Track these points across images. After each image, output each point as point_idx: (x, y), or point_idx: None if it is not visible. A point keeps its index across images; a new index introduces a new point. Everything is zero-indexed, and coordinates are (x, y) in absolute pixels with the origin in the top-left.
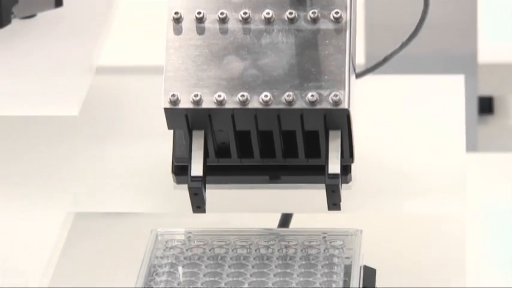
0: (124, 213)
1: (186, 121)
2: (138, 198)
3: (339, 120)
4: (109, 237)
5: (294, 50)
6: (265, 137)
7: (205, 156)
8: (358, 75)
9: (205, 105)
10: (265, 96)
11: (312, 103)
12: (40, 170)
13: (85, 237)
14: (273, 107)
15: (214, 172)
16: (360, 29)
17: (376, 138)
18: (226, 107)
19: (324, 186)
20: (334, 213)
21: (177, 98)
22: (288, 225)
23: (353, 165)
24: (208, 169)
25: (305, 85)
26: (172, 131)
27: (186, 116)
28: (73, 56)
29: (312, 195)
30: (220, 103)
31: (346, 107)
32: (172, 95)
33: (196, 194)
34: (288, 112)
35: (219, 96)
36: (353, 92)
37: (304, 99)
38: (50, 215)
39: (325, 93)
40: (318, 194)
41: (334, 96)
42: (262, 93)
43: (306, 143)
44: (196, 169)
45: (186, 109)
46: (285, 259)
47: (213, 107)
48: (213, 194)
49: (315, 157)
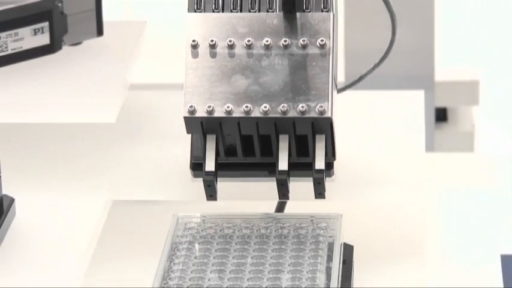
0: (151, 201)
1: (201, 127)
2: (163, 188)
3: (324, 126)
4: (139, 220)
5: (287, 70)
6: (265, 139)
7: (216, 155)
8: (339, 91)
9: (216, 115)
10: (265, 107)
11: (302, 113)
12: (84, 165)
13: (120, 219)
14: (271, 115)
15: (224, 168)
16: (340, 53)
17: (353, 141)
18: (234, 116)
19: (312, 179)
20: (320, 201)
21: (194, 109)
22: (283, 210)
23: (335, 163)
24: (219, 166)
25: (296, 98)
26: (190, 135)
27: (201, 123)
28: (111, 76)
29: (302, 186)
30: (228, 113)
31: (329, 116)
32: (190, 106)
33: (209, 185)
34: (283, 120)
35: (228, 107)
36: (335, 104)
37: (295, 110)
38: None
39: (312, 104)
40: (306, 185)
41: (319, 107)
42: (262, 104)
43: (297, 145)
44: (210, 165)
45: (201, 117)
46: (280, 238)
47: (223, 115)
48: (223, 185)
49: (304, 156)
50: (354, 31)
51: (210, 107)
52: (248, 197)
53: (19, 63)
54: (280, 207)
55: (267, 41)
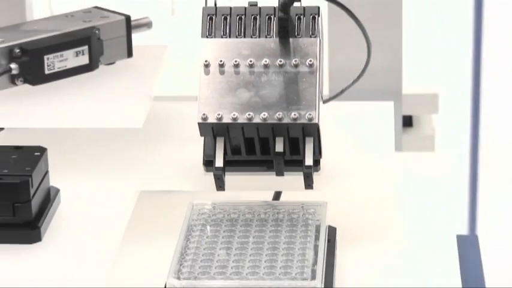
0: (172, 191)
1: (212, 131)
2: (181, 181)
3: (312, 130)
4: (162, 207)
5: (282, 85)
6: (264, 141)
7: (224, 154)
8: (324, 102)
9: (224, 121)
10: (264, 115)
11: (294, 119)
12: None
13: (146, 206)
14: (269, 122)
15: (230, 164)
16: (325, 71)
17: (336, 142)
18: (238, 122)
19: (302, 173)
20: (309, 191)
21: (206, 116)
22: (279, 198)
23: (321, 160)
24: (226, 162)
25: (289, 107)
26: (203, 138)
27: (212, 128)
28: (138, 89)
29: (294, 179)
30: (234, 119)
31: (316, 122)
32: (203, 114)
33: (218, 178)
34: (279, 125)
35: (234, 115)
36: (321, 112)
37: (289, 117)
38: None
39: (302, 113)
40: (298, 178)
41: (308, 115)
42: (261, 113)
43: (290, 145)
44: (219, 162)
45: (212, 123)
46: (276, 221)
47: (230, 122)
48: (230, 178)
49: (296, 154)
50: (337, 53)
51: (219, 114)
52: (250, 188)
53: (64, 79)
54: (276, 196)
55: (266, 61)
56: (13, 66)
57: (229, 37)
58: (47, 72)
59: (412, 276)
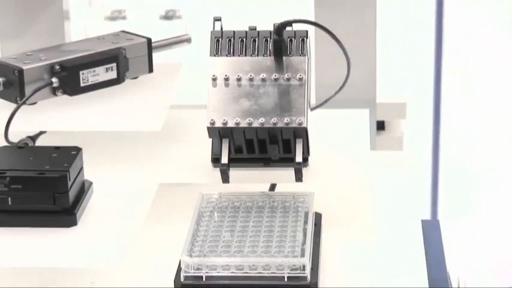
0: (185, 183)
1: (218, 134)
2: (192, 175)
3: (301, 133)
4: (177, 196)
5: (276, 95)
6: (262, 142)
7: (229, 152)
8: (312, 109)
9: (229, 125)
10: (261, 120)
11: (287, 124)
12: (139, 159)
13: (164, 196)
14: (265, 126)
15: (234, 161)
16: (313, 83)
17: (322, 143)
18: (240, 126)
19: (293, 169)
20: (299, 183)
21: (214, 121)
22: (274, 189)
23: (309, 158)
24: (230, 160)
25: (283, 114)
26: (211, 139)
27: (219, 131)
28: (157, 99)
29: (287, 174)
30: (237, 124)
31: (305, 126)
32: (211, 120)
33: (224, 173)
34: (274, 129)
35: (237, 120)
36: (309, 118)
37: (282, 122)
38: (146, 184)
39: (294, 118)
40: (290, 173)
41: (298, 120)
42: (259, 118)
43: (284, 146)
44: (224, 159)
45: (219, 127)
46: (272, 209)
47: (233, 126)
48: (233, 173)
49: (288, 153)
50: (322, 69)
51: (225, 120)
52: (250, 180)
53: (96, 91)
54: (272, 188)
55: (263, 75)
56: (54, 80)
57: (233, 56)
58: (82, 85)
59: (384, 254)
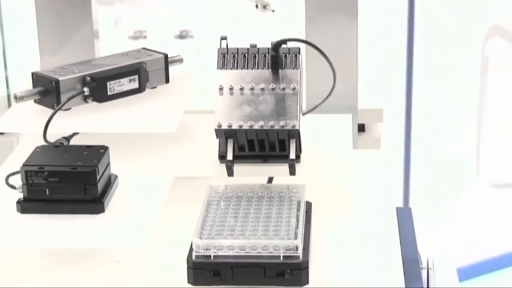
0: (196, 177)
1: (224, 135)
2: (202, 169)
3: (295, 134)
4: (190, 188)
5: (274, 102)
6: (261, 142)
7: (233, 150)
8: (304, 114)
9: (233, 128)
10: (261, 123)
11: (282, 126)
12: (156, 156)
13: (179, 188)
14: (264, 128)
15: (237, 158)
16: (304, 92)
17: (312, 142)
18: (243, 128)
19: (288, 164)
20: (292, 177)
21: (220, 124)
22: (271, 182)
23: (301, 155)
24: (234, 157)
25: (279, 118)
26: (218, 139)
27: (225, 133)
28: (173, 105)
29: (282, 168)
30: (240, 127)
31: (298, 128)
32: (218, 123)
33: (229, 168)
34: (271, 131)
35: (240, 123)
36: (301, 122)
37: (278, 125)
38: (162, 178)
39: (288, 122)
40: (285, 168)
41: (292, 123)
42: (259, 122)
43: (279, 145)
44: (229, 156)
45: (224, 129)
46: (269, 198)
47: (237, 128)
48: (237, 168)
49: (284, 151)
50: (312, 80)
51: (230, 123)
52: (251, 174)
53: (121, 99)
54: (269, 181)
55: (262, 86)
56: (85, 89)
57: (237, 69)
58: (109, 93)
59: (364, 236)
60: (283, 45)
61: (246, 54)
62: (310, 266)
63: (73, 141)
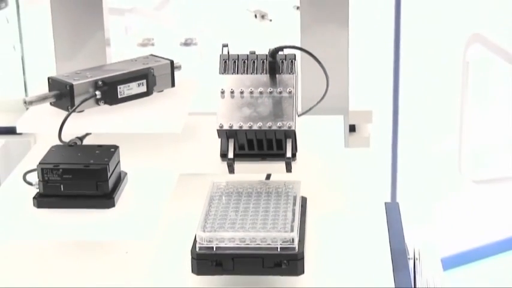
0: (200, 174)
1: (226, 135)
2: (205, 167)
3: (291, 134)
4: (194, 184)
5: (271, 105)
6: (259, 141)
7: (234, 149)
8: (299, 115)
9: (234, 128)
10: (260, 124)
11: (279, 127)
12: (163, 154)
13: (184, 184)
14: (263, 129)
15: (238, 156)
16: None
17: (306, 142)
18: (243, 129)
19: (284, 162)
20: (289, 174)
21: (222, 125)
22: (269, 179)
23: (297, 153)
24: (235, 155)
25: (276, 119)
26: (220, 139)
27: (226, 133)
28: (178, 107)
29: (279, 166)
30: (240, 127)
31: (294, 129)
32: (220, 124)
33: (230, 165)
34: (269, 131)
35: (240, 124)
36: (297, 123)
37: (276, 125)
38: (169, 174)
39: (285, 123)
40: (282, 165)
41: (289, 124)
42: (258, 123)
43: (277, 144)
44: (230, 155)
45: (226, 130)
46: (267, 194)
47: (237, 129)
48: (237, 166)
49: (281, 150)
50: (306, 84)
51: (231, 124)
52: (250, 171)
53: (130, 101)
54: (267, 177)
55: (261, 89)
56: (97, 93)
57: (237, 74)
58: (119, 96)
59: (355, 229)
60: (280, 52)
61: (246, 61)
62: (305, 257)
63: (86, 141)
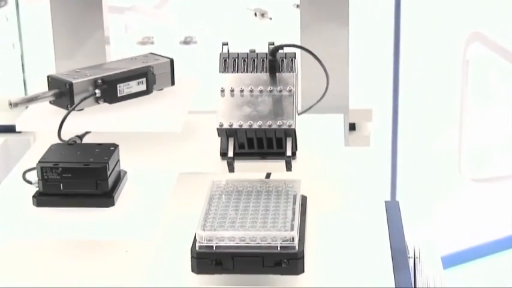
0: (200, 172)
1: (225, 133)
2: (205, 166)
3: (291, 133)
4: (193, 183)
5: (271, 103)
6: (259, 140)
7: (234, 148)
8: (299, 114)
9: (234, 127)
10: (259, 123)
11: (279, 126)
12: (162, 153)
13: (184, 183)
14: (263, 127)
15: (238, 155)
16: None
17: (306, 141)
18: (243, 127)
19: (284, 161)
20: (289, 172)
21: (222, 124)
22: (269, 177)
23: (297, 152)
24: (235, 154)
25: (276, 118)
26: (220, 138)
27: (226, 131)
28: (178, 106)
29: (279, 165)
30: (240, 126)
31: (294, 128)
32: (220, 123)
33: (230, 164)
34: (269, 130)
35: (240, 123)
36: (297, 121)
37: (276, 124)
38: (168, 173)
39: (285, 121)
40: (281, 164)
41: (289, 123)
42: (258, 121)
43: (277, 143)
44: (230, 154)
45: (226, 128)
46: (267, 192)
47: (237, 127)
48: (237, 164)
49: (281, 148)
50: (307, 82)
51: (231, 123)
52: (250, 170)
53: (130, 100)
54: (267, 176)
55: (261, 88)
56: (97, 91)
57: (237, 72)
58: (119, 95)
59: (355, 228)
60: (280, 51)
61: (246, 59)
62: (305, 256)
63: (85, 140)
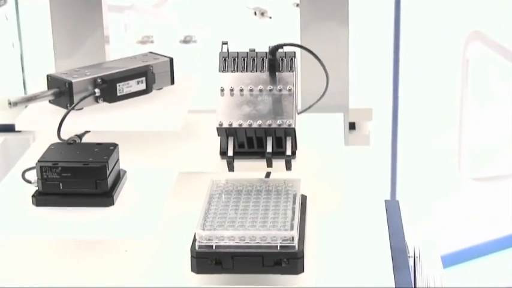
0: (199, 172)
1: (225, 133)
2: (205, 165)
3: (291, 132)
4: (193, 182)
5: (271, 102)
6: (259, 139)
7: (233, 147)
8: (299, 113)
9: (233, 126)
10: (259, 122)
11: (279, 125)
12: (162, 152)
13: (183, 182)
14: (262, 127)
15: (237, 154)
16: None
17: (306, 140)
18: (243, 127)
19: (284, 160)
20: (289, 172)
21: (222, 123)
22: (269, 177)
23: (297, 151)
24: (234, 153)
25: (276, 117)
26: (219, 137)
27: (225, 131)
28: (178, 105)
29: (279, 164)
30: (240, 125)
31: (293, 127)
32: (220, 122)
33: (230, 163)
34: (269, 129)
35: (239, 122)
36: (296, 120)
37: (276, 123)
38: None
39: (284, 121)
40: (281, 163)
41: (288, 122)
42: (257, 121)
43: (277, 142)
44: (230, 153)
45: (225, 128)
46: (267, 192)
47: (237, 127)
48: (237, 164)
49: (280, 148)
50: (306, 81)
51: (230, 122)
52: (250, 169)
53: (129, 99)
54: (267, 175)
55: (260, 87)
56: (96, 90)
57: (237, 71)
58: (118, 94)
59: (355, 227)
60: (280, 50)
61: (246, 58)
62: (305, 255)
63: (85, 139)
